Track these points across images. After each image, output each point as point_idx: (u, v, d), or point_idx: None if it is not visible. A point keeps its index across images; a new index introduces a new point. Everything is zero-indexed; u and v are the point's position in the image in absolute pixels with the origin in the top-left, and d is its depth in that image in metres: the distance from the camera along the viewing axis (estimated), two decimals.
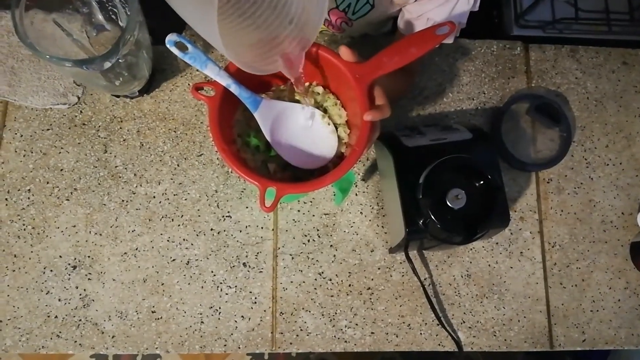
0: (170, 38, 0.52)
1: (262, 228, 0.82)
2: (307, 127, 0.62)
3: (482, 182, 0.69)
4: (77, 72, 0.65)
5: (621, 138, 0.91)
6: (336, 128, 0.64)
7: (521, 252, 0.85)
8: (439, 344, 0.82)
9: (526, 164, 0.87)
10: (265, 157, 0.64)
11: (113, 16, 0.75)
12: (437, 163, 0.70)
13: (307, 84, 0.66)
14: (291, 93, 0.66)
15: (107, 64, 0.63)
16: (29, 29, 0.65)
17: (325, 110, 0.64)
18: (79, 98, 0.83)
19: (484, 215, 0.70)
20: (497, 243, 0.85)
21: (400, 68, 0.59)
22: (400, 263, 0.83)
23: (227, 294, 0.80)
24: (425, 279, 0.83)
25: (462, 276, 0.84)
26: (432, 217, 0.68)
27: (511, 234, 0.86)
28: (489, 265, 0.84)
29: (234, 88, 0.56)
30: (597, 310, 0.85)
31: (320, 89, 0.65)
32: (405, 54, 0.57)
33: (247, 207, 0.83)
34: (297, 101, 0.65)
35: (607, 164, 0.90)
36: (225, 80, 0.56)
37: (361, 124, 0.57)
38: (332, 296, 0.82)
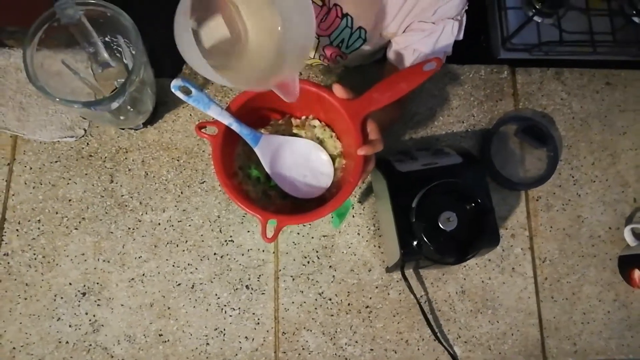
0: (175, 83, 0.56)
1: (263, 251, 0.86)
2: (304, 159, 0.66)
3: (472, 204, 0.73)
4: (85, 112, 0.69)
5: (606, 156, 0.95)
6: (333, 159, 0.67)
7: (513, 268, 0.89)
8: (436, 359, 0.85)
9: (515, 184, 0.91)
10: (265, 188, 0.67)
11: (118, 54, 0.79)
12: (429, 188, 0.73)
13: (303, 117, 0.70)
14: (288, 126, 0.69)
15: (115, 105, 0.66)
16: (38, 71, 0.69)
17: (321, 143, 0.68)
18: (85, 131, 0.87)
19: (475, 236, 0.73)
20: (489, 260, 0.89)
21: None
22: (397, 281, 0.86)
23: (231, 315, 0.83)
24: (421, 297, 0.86)
25: (456, 293, 0.87)
26: (425, 239, 0.72)
27: (503, 250, 0.89)
28: (482, 281, 0.88)
29: (235, 126, 0.60)
30: (588, 323, 0.88)
31: (316, 122, 0.69)
32: (395, 89, 0.61)
33: (248, 232, 0.86)
34: (295, 134, 0.69)
35: (594, 181, 0.94)
36: (227, 120, 0.60)
37: (356, 157, 0.61)
38: (332, 315, 0.85)
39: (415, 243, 0.74)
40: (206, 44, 0.53)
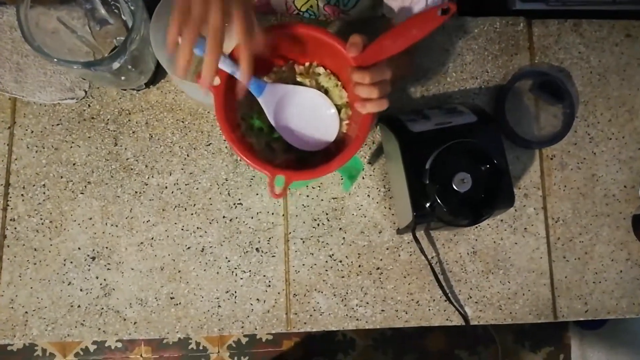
0: None
1: (272, 214, 0.85)
2: (309, 110, 0.64)
3: (487, 165, 0.71)
4: (85, 72, 0.66)
5: (624, 112, 0.92)
6: (338, 109, 0.65)
7: (525, 228, 0.88)
8: (447, 319, 0.85)
9: (530, 142, 0.88)
10: (269, 139, 0.65)
11: (116, 10, 0.75)
12: (443, 148, 0.71)
13: (307, 64, 0.67)
14: (292, 73, 0.66)
15: (116, 65, 0.63)
16: (34, 30, 0.66)
17: (326, 92, 0.65)
18: (86, 92, 0.84)
19: (490, 197, 0.71)
20: (501, 220, 0.87)
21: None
22: (408, 243, 0.86)
23: (241, 278, 0.83)
24: (432, 258, 0.86)
25: (468, 253, 0.87)
26: (439, 201, 0.70)
27: (515, 210, 0.88)
28: (494, 242, 0.87)
29: (238, 75, 0.57)
30: (600, 282, 0.88)
31: (321, 70, 0.66)
32: (406, 36, 0.57)
33: (257, 194, 0.85)
34: (299, 83, 0.66)
35: (610, 138, 0.91)
36: (229, 68, 0.57)
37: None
38: (342, 277, 0.84)
39: (428, 205, 0.73)
40: None
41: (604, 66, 0.93)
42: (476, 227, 0.87)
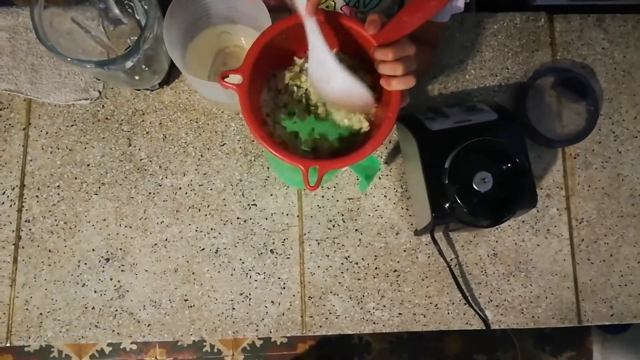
0: None
1: (287, 215, 0.83)
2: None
3: (509, 164, 0.68)
4: (99, 72, 0.65)
5: None
6: None
7: (548, 230, 0.85)
8: (467, 323, 0.83)
9: (552, 140, 0.86)
10: (296, 133, 0.63)
11: (129, 9, 0.74)
12: (462, 147, 0.69)
13: None
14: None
15: (129, 64, 0.62)
16: (48, 30, 0.65)
17: None
18: (100, 93, 0.84)
19: (511, 197, 0.69)
20: (523, 221, 0.85)
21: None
22: (426, 244, 0.84)
23: (256, 280, 0.82)
24: (451, 260, 0.84)
25: (488, 255, 0.84)
26: (459, 201, 0.68)
27: (537, 211, 0.85)
28: (516, 243, 0.84)
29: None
30: (626, 285, 0.85)
31: (341, 56, 0.64)
32: (424, 9, 0.54)
33: (271, 195, 0.83)
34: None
35: (636, 137, 0.88)
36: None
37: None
38: (359, 279, 0.83)
39: (447, 205, 0.71)
40: None
41: (628, 62, 0.90)
42: (497, 228, 0.85)
